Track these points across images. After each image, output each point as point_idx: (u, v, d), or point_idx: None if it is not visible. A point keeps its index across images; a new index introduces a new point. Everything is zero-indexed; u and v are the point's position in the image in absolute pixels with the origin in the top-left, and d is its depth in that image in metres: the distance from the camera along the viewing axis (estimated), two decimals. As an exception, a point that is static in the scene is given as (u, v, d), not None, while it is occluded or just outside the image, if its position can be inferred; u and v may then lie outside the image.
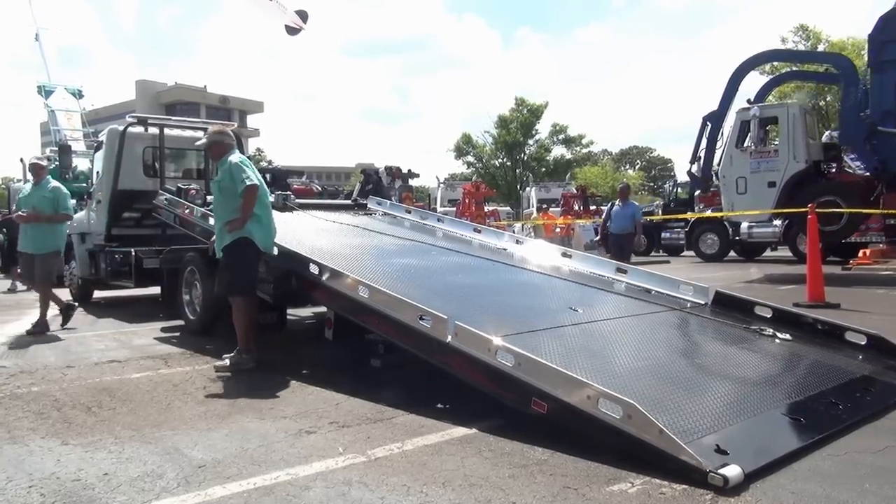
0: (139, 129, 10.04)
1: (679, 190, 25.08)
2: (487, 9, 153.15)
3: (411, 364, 4.96)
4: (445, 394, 4.45)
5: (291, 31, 19.28)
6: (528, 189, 32.00)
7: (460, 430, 3.63)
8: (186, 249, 7.57)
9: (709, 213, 19.26)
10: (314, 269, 5.14)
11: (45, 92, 20.42)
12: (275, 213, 7.76)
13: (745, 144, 12.69)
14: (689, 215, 20.50)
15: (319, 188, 19.72)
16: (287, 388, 4.81)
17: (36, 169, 7.93)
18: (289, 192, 8.63)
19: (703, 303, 5.62)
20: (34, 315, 9.52)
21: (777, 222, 17.43)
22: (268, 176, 11.05)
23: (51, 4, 24.63)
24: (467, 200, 24.42)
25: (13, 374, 5.33)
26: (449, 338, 3.96)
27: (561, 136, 46.84)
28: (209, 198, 8.47)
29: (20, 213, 7.77)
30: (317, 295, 5.30)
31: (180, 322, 7.69)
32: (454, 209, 24.00)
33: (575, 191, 28.20)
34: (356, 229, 7.45)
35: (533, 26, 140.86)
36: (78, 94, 20.88)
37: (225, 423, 3.92)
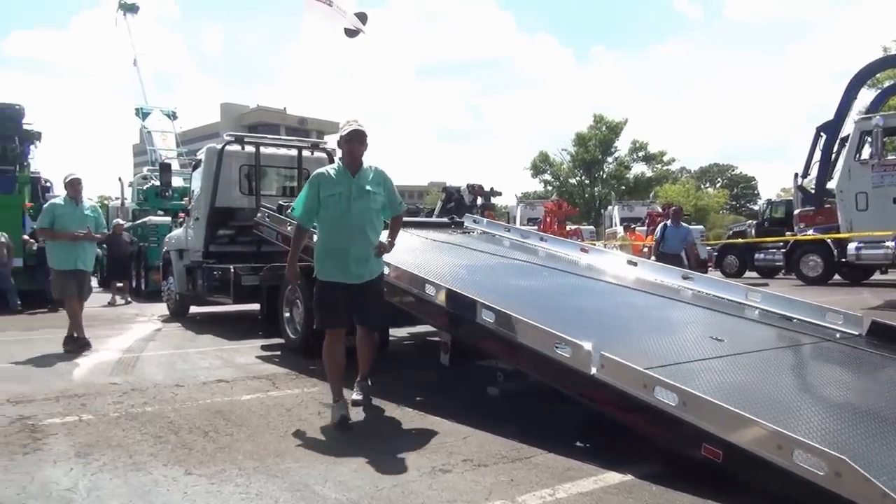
0: (236, 147, 10.12)
1: (774, 208, 23.82)
2: (560, 28, 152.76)
3: (532, 393, 4.63)
4: (581, 429, 4.07)
5: (351, 33, 19.28)
6: (609, 207, 31.12)
7: (614, 476, 3.23)
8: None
9: (811, 235, 18.08)
10: (430, 291, 4.85)
11: (143, 114, 21.28)
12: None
13: (866, 156, 11.74)
14: (790, 237, 19.32)
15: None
16: (405, 416, 4.54)
17: (75, 185, 7.69)
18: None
19: (856, 333, 5.02)
20: (137, 329, 9.73)
21: (890, 243, 16.17)
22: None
23: (146, 33, 26.18)
24: (549, 219, 23.92)
25: (125, 392, 5.27)
26: (594, 370, 3.58)
27: (641, 154, 45.71)
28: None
29: (79, 231, 7.47)
30: (431, 317, 5.00)
31: (280, 340, 7.59)
32: (534, 228, 23.56)
33: (661, 209, 27.23)
34: (458, 248, 7.16)
35: (607, 44, 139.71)
36: (172, 116, 21.67)
37: (349, 454, 3.65)
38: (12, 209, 13.21)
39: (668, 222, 11.67)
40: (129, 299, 13.87)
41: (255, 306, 9.17)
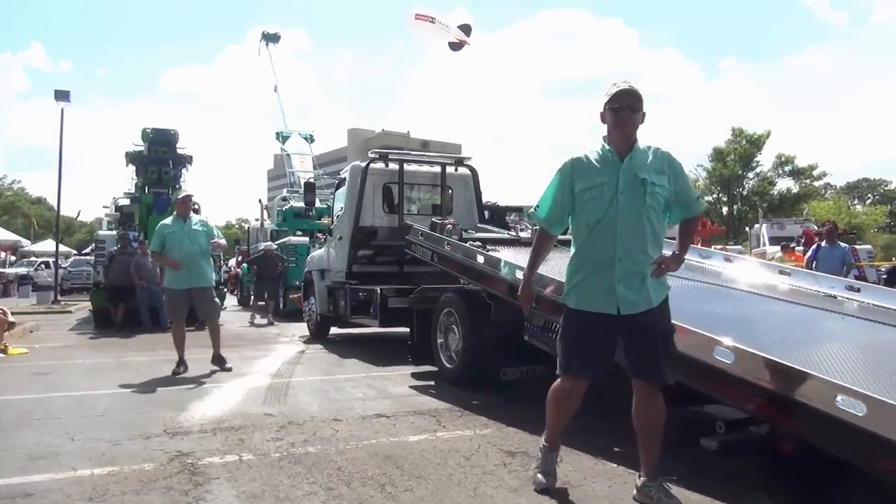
0: (380, 164, 9.78)
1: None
2: (687, 42, 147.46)
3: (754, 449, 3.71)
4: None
5: (455, 47, 19.07)
6: (756, 226, 28.72)
7: None
8: (443, 289, 6.90)
9: None
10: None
11: (282, 138, 21.93)
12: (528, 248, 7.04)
13: None
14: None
15: (530, 226, 18.94)
16: (606, 470, 3.72)
17: (186, 202, 7.55)
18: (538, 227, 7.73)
19: None
20: (281, 351, 9.53)
21: None
22: (485, 212, 10.32)
23: (285, 63, 27.47)
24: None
25: (283, 426, 4.81)
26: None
27: (787, 168, 42.26)
28: (477, 234, 7.79)
29: (180, 260, 7.22)
30: None
31: (431, 367, 7.02)
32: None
33: (819, 227, 24.69)
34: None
35: (738, 56, 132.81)
36: (310, 139, 22.19)
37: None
38: (165, 229, 13.64)
39: (823, 242, 10.97)
40: (272, 319, 13.94)
41: (399, 329, 8.82)
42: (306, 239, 16.22)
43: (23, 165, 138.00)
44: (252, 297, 17.32)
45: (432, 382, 6.57)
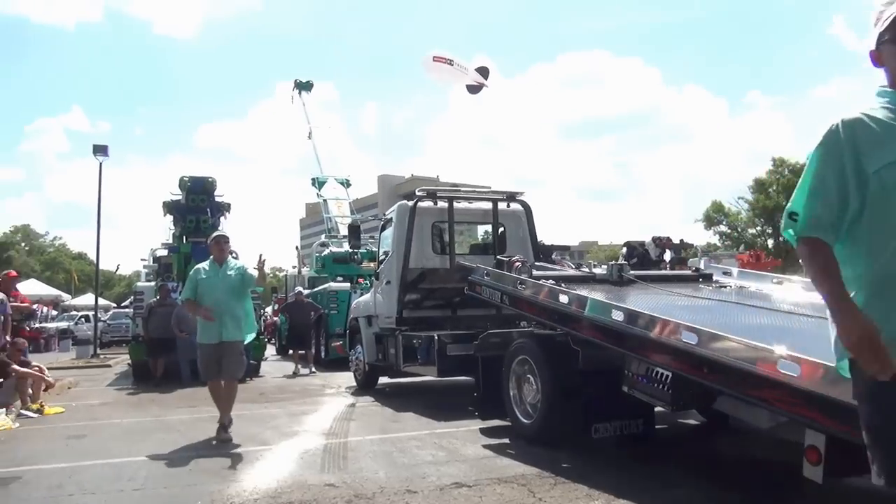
0: (427, 203, 9.20)
1: None
2: (710, 77, 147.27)
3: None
4: None
5: (473, 89, 18.84)
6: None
7: None
8: (514, 334, 6.20)
9: None
10: (787, 368, 3.27)
11: (318, 183, 21.66)
12: (612, 287, 6.31)
13: None
14: None
15: (573, 266, 18.25)
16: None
17: (220, 244, 6.67)
18: (624, 263, 7.02)
19: None
20: (329, 405, 8.86)
21: None
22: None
23: (315, 112, 27.59)
24: (745, 272, 21.22)
25: (349, 501, 4.11)
26: None
27: (834, 197, 40.73)
28: (547, 271, 7.13)
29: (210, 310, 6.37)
30: (789, 405, 3.36)
31: (501, 422, 6.29)
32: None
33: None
34: (741, 306, 5.48)
35: (763, 89, 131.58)
36: (346, 184, 21.87)
37: None
38: (205, 279, 13.21)
39: None
40: (314, 369, 13.31)
41: (456, 379, 8.13)
42: (347, 285, 15.67)
43: (64, 222, 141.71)
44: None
45: (507, 440, 5.81)
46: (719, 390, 3.93)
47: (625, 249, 21.81)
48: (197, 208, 13.76)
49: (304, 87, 25.30)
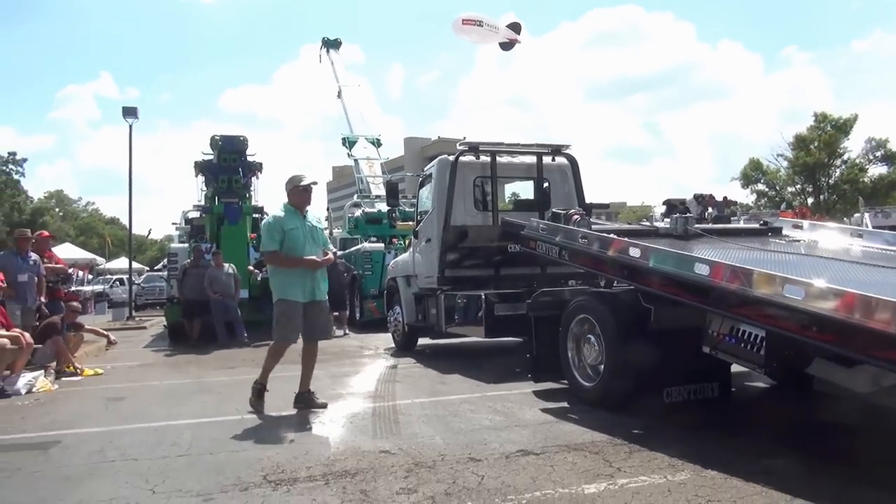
0: (470, 157, 8.75)
1: None
2: (745, 32, 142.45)
3: None
4: None
5: (506, 46, 18.30)
6: (857, 215, 26.46)
7: None
8: (573, 292, 5.81)
9: None
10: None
11: (349, 143, 21.17)
12: (677, 241, 5.86)
13: None
14: None
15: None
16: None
17: (309, 191, 5.85)
18: (689, 216, 6.53)
19: None
20: (371, 367, 8.59)
21: None
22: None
23: (343, 71, 26.87)
24: (791, 230, 20.39)
25: (410, 471, 3.79)
26: None
27: (879, 153, 39.23)
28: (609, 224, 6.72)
29: (318, 256, 5.69)
30: None
31: (555, 385, 5.95)
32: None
33: (934, 213, 22.43)
34: (828, 260, 5.00)
35: (800, 44, 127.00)
36: (377, 143, 21.35)
37: None
38: (238, 240, 12.99)
39: None
40: (348, 331, 13.08)
41: (501, 340, 7.80)
42: (381, 245, 15.35)
43: (96, 189, 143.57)
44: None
45: (566, 404, 5.46)
46: (825, 351, 3.51)
47: (665, 207, 21.07)
48: (229, 168, 13.46)
49: (332, 45, 24.66)
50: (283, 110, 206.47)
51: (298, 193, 5.78)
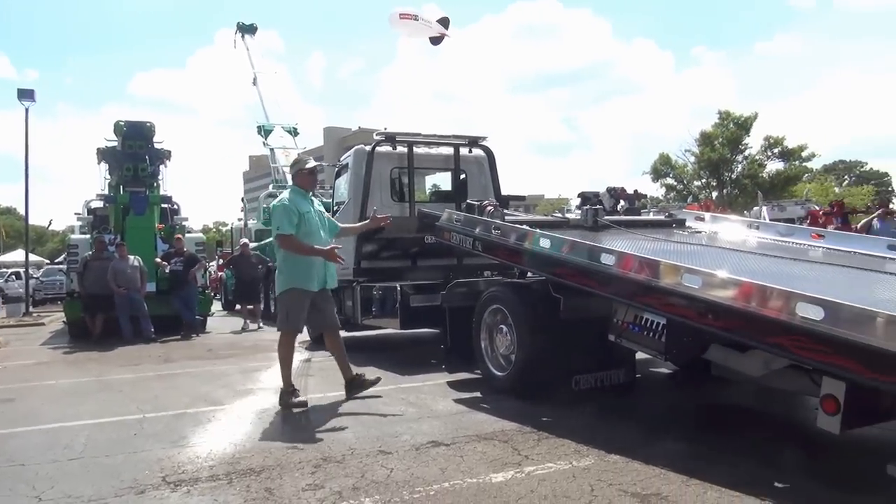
0: (386, 147, 8.68)
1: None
2: (658, 31, 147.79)
3: None
4: None
5: (436, 41, 18.54)
6: (756, 209, 28.01)
7: None
8: (486, 283, 5.85)
9: None
10: (809, 312, 2.98)
11: (265, 131, 20.60)
12: (587, 232, 5.99)
13: None
14: None
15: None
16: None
17: (316, 174, 5.65)
18: (599, 208, 6.67)
19: None
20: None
21: None
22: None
23: (260, 56, 25.91)
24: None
25: (318, 466, 3.71)
26: None
27: (776, 150, 41.66)
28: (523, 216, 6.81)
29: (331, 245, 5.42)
30: (809, 350, 3.06)
31: (469, 374, 5.99)
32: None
33: (824, 207, 23.97)
34: (730, 251, 5.24)
35: (709, 44, 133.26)
36: (294, 132, 20.86)
37: None
38: (144, 231, 12.40)
39: (875, 221, 10.81)
40: (262, 325, 12.75)
41: (416, 331, 7.80)
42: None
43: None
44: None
45: (479, 394, 5.50)
46: (720, 337, 3.67)
47: (579, 199, 21.65)
48: (135, 155, 12.80)
49: (247, 30, 23.85)
50: (199, 96, 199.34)
51: (304, 176, 5.60)
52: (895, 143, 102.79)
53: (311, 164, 5.66)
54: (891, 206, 14.21)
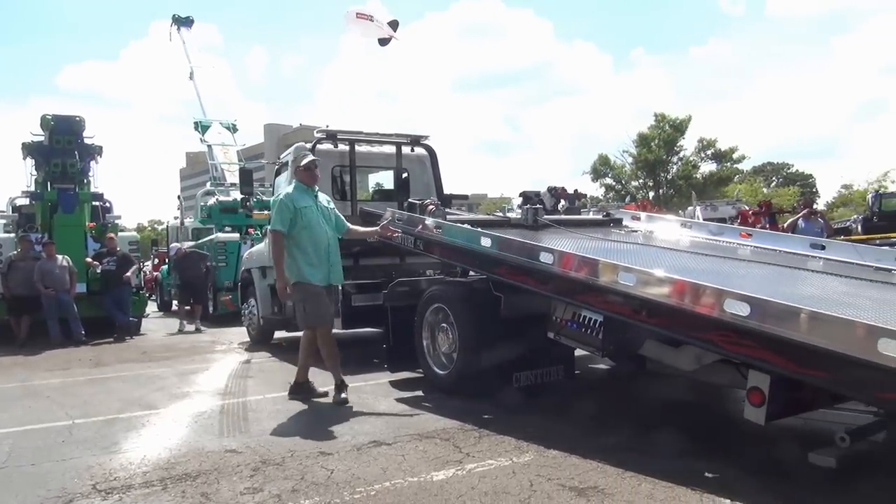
0: (327, 146, 8.59)
1: (884, 201, 21.63)
2: (598, 33, 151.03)
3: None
4: None
5: (384, 42, 18.67)
6: (689, 208, 29.00)
7: None
8: (429, 281, 5.85)
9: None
10: (737, 308, 3.10)
11: (202, 127, 20.09)
12: (527, 231, 6.07)
13: None
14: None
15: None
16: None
17: (312, 169, 5.49)
18: (539, 207, 6.76)
19: None
20: (222, 362, 8.22)
21: None
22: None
23: (197, 50, 25.11)
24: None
25: (256, 469, 3.65)
26: None
27: (709, 152, 43.21)
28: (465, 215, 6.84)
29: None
30: (736, 345, 3.18)
31: (411, 374, 6.00)
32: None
33: (753, 207, 24.97)
34: (664, 250, 5.39)
35: (646, 47, 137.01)
36: (232, 129, 20.40)
37: None
38: (74, 230, 11.91)
39: (800, 221, 11.13)
40: (201, 326, 12.42)
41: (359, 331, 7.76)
42: (236, 235, 14.74)
43: None
44: (176, 303, 15.67)
45: (420, 393, 5.51)
46: (654, 334, 3.78)
47: (521, 199, 21.93)
48: (63, 150, 12.26)
49: (183, 22, 23.21)
50: (133, 90, 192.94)
51: (301, 172, 5.52)
52: (820, 145, 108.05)
53: (307, 159, 5.57)
54: (815, 206, 14.99)
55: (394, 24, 18.57)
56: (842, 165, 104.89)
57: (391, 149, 8.96)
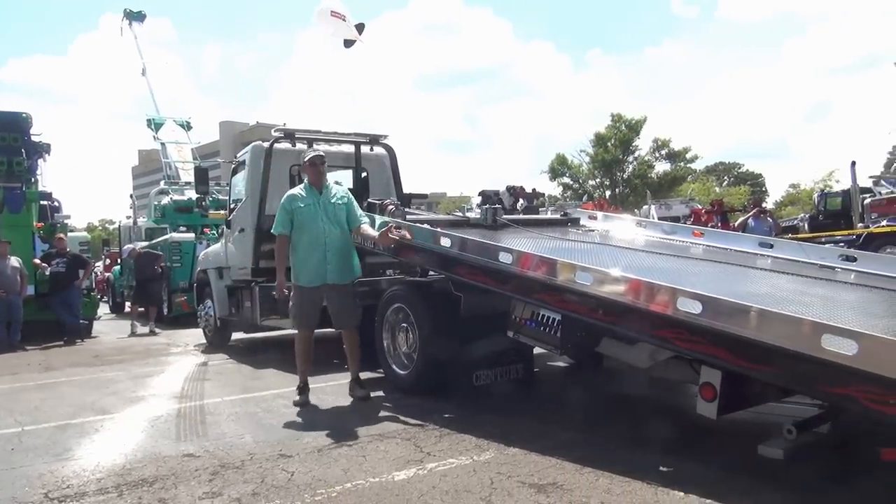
0: (285, 145, 8.50)
1: (830, 200, 22.34)
2: (555, 33, 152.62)
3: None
4: None
5: (349, 43, 18.69)
6: (644, 207, 29.58)
7: None
8: (390, 281, 5.86)
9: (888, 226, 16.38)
10: (689, 306, 3.19)
11: (155, 125, 19.68)
12: (487, 231, 6.13)
13: None
14: (861, 229, 17.60)
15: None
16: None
17: (317, 165, 5.34)
18: (497, 207, 6.82)
19: None
20: (178, 365, 8.08)
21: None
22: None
23: (149, 45, 24.49)
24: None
25: (215, 473, 3.61)
26: None
27: (664, 152, 44.16)
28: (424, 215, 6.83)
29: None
30: (688, 342, 3.28)
31: (371, 373, 5.99)
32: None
33: (706, 206, 25.61)
34: (621, 249, 5.50)
35: (603, 48, 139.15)
36: (187, 127, 20.03)
37: None
38: (21, 230, 11.57)
39: (750, 220, 11.39)
40: (155, 328, 12.16)
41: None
42: (191, 235, 14.49)
43: None
44: (130, 304, 15.32)
45: (381, 393, 5.51)
46: (610, 331, 3.86)
47: (480, 198, 22.02)
48: (9, 148, 11.87)
49: (135, 17, 22.66)
50: (83, 85, 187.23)
51: (306, 169, 5.46)
52: (769, 145, 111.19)
53: (310, 154, 5.49)
54: (764, 205, 15.46)
55: (360, 28, 18.53)
56: (790, 166, 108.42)
57: (350, 148, 8.91)
